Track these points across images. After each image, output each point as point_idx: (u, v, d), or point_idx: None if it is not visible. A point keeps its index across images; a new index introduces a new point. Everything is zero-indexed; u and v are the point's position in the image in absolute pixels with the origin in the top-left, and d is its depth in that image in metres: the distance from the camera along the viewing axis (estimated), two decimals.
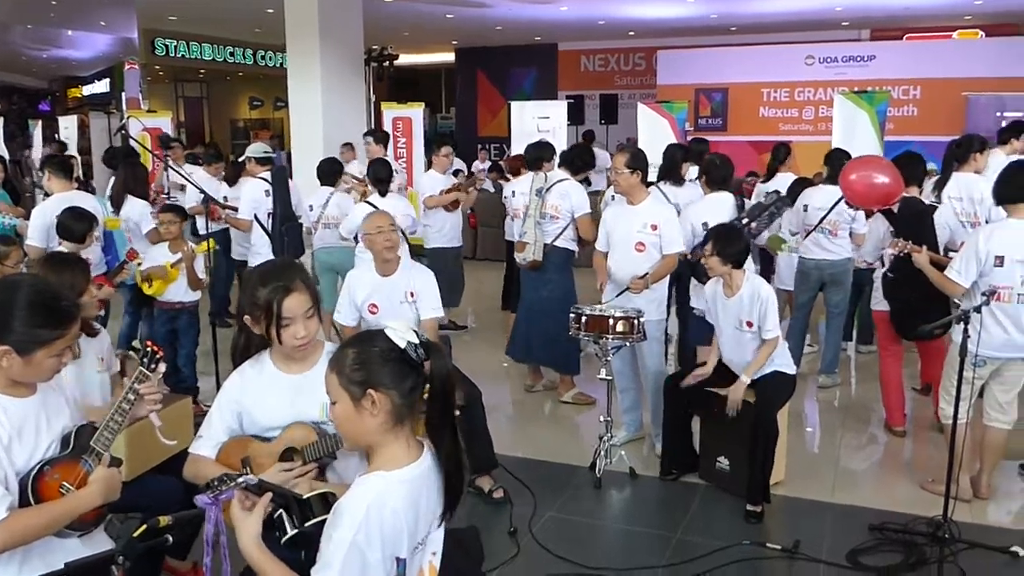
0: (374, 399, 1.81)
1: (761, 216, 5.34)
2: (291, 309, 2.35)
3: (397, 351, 1.83)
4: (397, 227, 4.24)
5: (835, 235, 5.88)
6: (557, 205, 5.75)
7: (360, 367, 1.83)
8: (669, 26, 15.13)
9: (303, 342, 2.38)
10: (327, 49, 10.58)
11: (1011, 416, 4.30)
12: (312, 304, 2.39)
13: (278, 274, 2.40)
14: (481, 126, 19.14)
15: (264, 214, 6.36)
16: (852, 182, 5.03)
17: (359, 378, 1.82)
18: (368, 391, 1.81)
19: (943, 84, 12.59)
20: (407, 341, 1.83)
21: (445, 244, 7.32)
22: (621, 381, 5.04)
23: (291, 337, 2.36)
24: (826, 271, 5.99)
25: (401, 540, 1.79)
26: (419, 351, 1.83)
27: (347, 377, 1.83)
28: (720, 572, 3.71)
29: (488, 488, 4.38)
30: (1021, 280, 4.05)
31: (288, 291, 2.35)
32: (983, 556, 3.78)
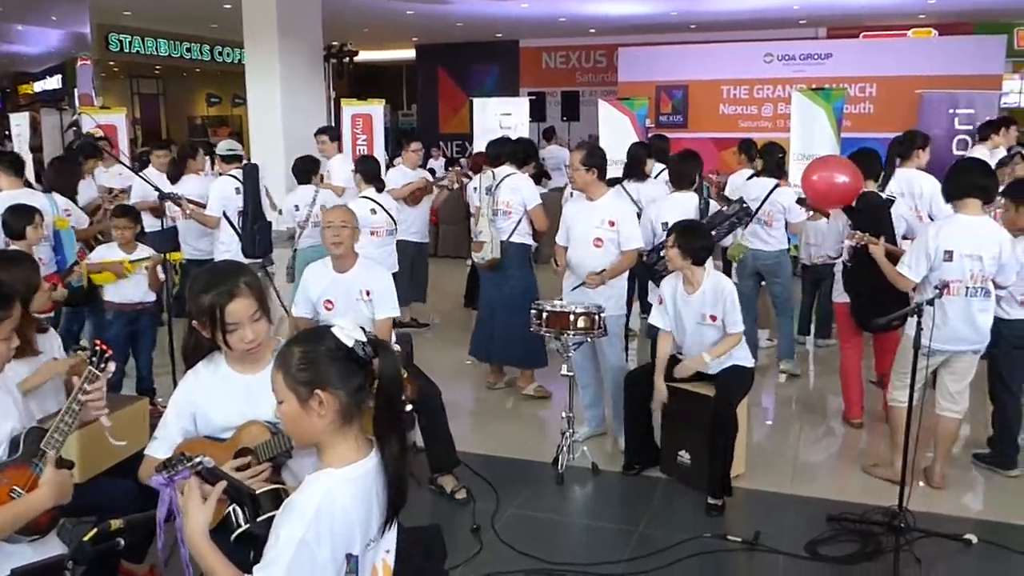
0: (321, 399, 1.78)
1: (722, 224, 5.39)
2: (235, 314, 2.30)
3: (344, 349, 1.80)
4: (353, 226, 4.17)
5: (770, 225, 5.99)
6: (508, 200, 5.75)
7: (306, 366, 1.80)
8: (630, 23, 15.21)
9: (251, 346, 2.34)
10: (286, 45, 10.48)
11: (962, 405, 4.39)
12: (258, 307, 2.35)
13: (222, 278, 2.34)
14: (443, 123, 19.07)
15: (233, 212, 6.28)
16: (814, 182, 5.11)
17: (305, 378, 1.79)
18: (315, 391, 1.78)
19: (898, 82, 12.78)
20: (355, 339, 1.80)
21: (410, 239, 7.28)
22: (582, 377, 5.05)
23: (238, 341, 2.32)
24: (760, 261, 6.10)
25: (353, 537, 1.77)
26: (367, 349, 1.81)
27: (293, 376, 1.81)
28: (682, 565, 3.73)
29: (451, 488, 4.36)
30: (970, 274, 4.14)
31: (232, 296, 2.30)
32: (938, 544, 3.85)
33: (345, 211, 4.25)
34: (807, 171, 5.29)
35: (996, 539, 3.91)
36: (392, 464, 1.84)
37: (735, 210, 5.43)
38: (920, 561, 3.70)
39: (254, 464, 2.28)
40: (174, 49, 18.08)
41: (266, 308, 2.38)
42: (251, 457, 2.31)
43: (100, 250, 5.34)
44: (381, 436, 1.84)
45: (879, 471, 4.57)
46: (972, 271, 4.13)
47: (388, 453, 1.83)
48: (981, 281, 4.16)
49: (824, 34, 16.01)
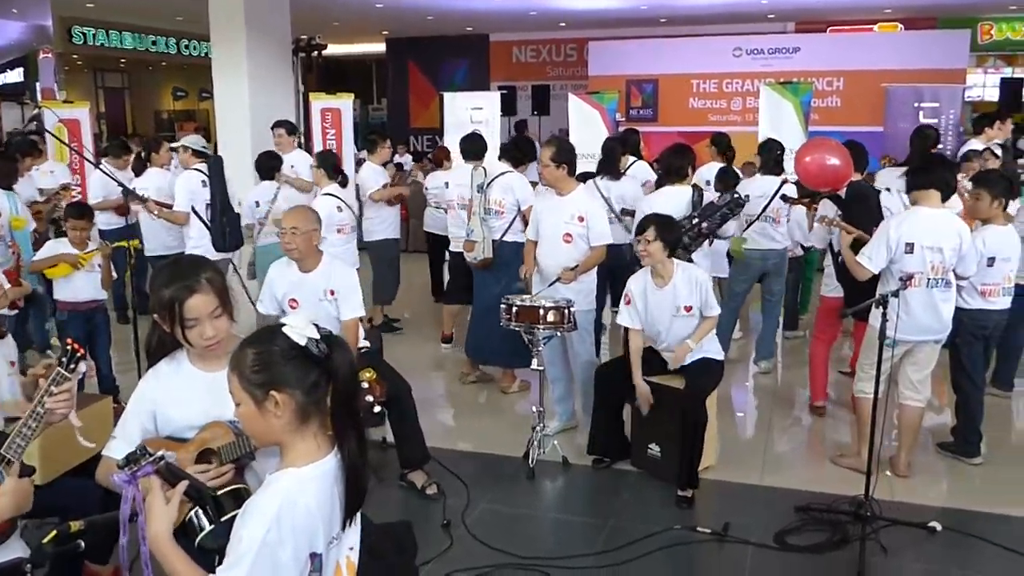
0: (277, 400, 1.76)
1: (713, 216, 5.39)
2: (195, 309, 2.26)
3: (298, 348, 1.77)
4: (306, 230, 4.07)
5: (778, 223, 6.01)
6: (501, 200, 5.72)
7: (260, 368, 1.77)
8: (600, 17, 15.21)
9: (210, 343, 2.29)
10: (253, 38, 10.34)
11: (924, 394, 4.46)
12: (218, 304, 2.29)
13: (183, 273, 2.30)
14: (413, 117, 18.96)
15: (201, 205, 6.20)
16: (806, 163, 5.14)
17: (260, 379, 1.77)
18: (270, 392, 1.76)
19: (864, 75, 12.91)
20: (307, 338, 1.78)
21: (389, 236, 7.26)
22: (552, 371, 5.05)
23: (198, 337, 2.28)
24: (769, 261, 6.12)
25: (316, 536, 1.76)
26: (321, 346, 1.78)
27: (248, 379, 1.78)
28: (652, 557, 3.75)
29: (421, 484, 4.35)
30: (931, 266, 4.19)
31: (191, 291, 2.25)
32: (903, 532, 3.91)
33: (297, 215, 4.14)
34: (800, 153, 5.32)
35: (960, 526, 3.98)
36: (350, 461, 1.82)
37: (726, 201, 5.43)
38: (886, 549, 3.76)
39: (217, 466, 2.25)
40: (139, 42, 17.79)
41: (228, 305, 2.33)
42: (214, 459, 2.28)
43: (51, 244, 5.27)
44: (339, 433, 1.82)
45: (846, 461, 4.62)
46: (933, 263, 4.19)
47: (346, 450, 1.81)
48: (942, 272, 4.22)
49: (792, 28, 16.11)
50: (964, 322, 4.58)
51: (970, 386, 4.70)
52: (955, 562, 3.75)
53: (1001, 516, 4.15)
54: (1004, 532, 3.93)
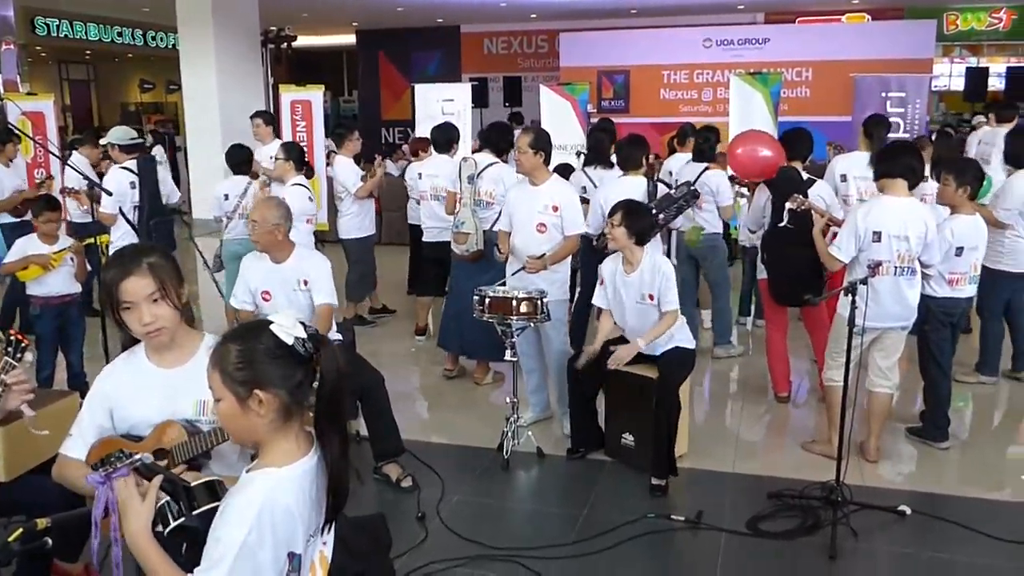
0: (261, 398, 1.73)
1: (670, 208, 5.43)
2: (130, 292, 2.19)
3: (284, 347, 1.74)
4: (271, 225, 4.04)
5: (700, 208, 6.04)
6: (491, 191, 5.70)
7: (245, 366, 1.74)
8: (571, 9, 15.21)
9: (148, 328, 2.21)
10: (221, 30, 10.25)
11: (893, 380, 4.52)
12: (156, 288, 2.20)
13: (125, 257, 2.25)
14: (385, 109, 18.86)
15: (129, 207, 5.94)
16: (737, 155, 5.22)
17: (244, 377, 1.74)
18: (254, 391, 1.73)
19: (833, 66, 13.00)
20: (294, 336, 1.75)
21: (366, 233, 7.19)
22: (526, 362, 5.05)
23: (136, 323, 2.21)
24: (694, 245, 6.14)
25: (295, 536, 1.74)
26: (307, 345, 1.76)
27: (231, 376, 1.75)
28: (626, 546, 3.77)
29: (396, 476, 4.34)
30: (897, 254, 4.24)
31: (127, 273, 2.19)
32: (873, 516, 3.96)
33: (262, 209, 4.12)
34: (731, 145, 5.40)
35: (929, 509, 4.04)
36: (333, 463, 1.79)
37: (683, 193, 5.47)
38: (856, 533, 3.81)
39: (171, 467, 2.21)
40: (104, 33, 17.50)
41: (171, 293, 2.23)
42: (167, 460, 2.23)
43: (20, 243, 5.17)
44: (322, 433, 1.79)
45: (817, 447, 4.67)
46: (900, 251, 4.24)
47: (329, 451, 1.78)
48: (908, 260, 4.27)
49: (761, 19, 16.21)
50: (932, 310, 4.64)
51: (937, 372, 4.77)
52: (924, 544, 3.81)
53: (969, 499, 4.23)
54: (972, 514, 4.00)
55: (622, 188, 5.49)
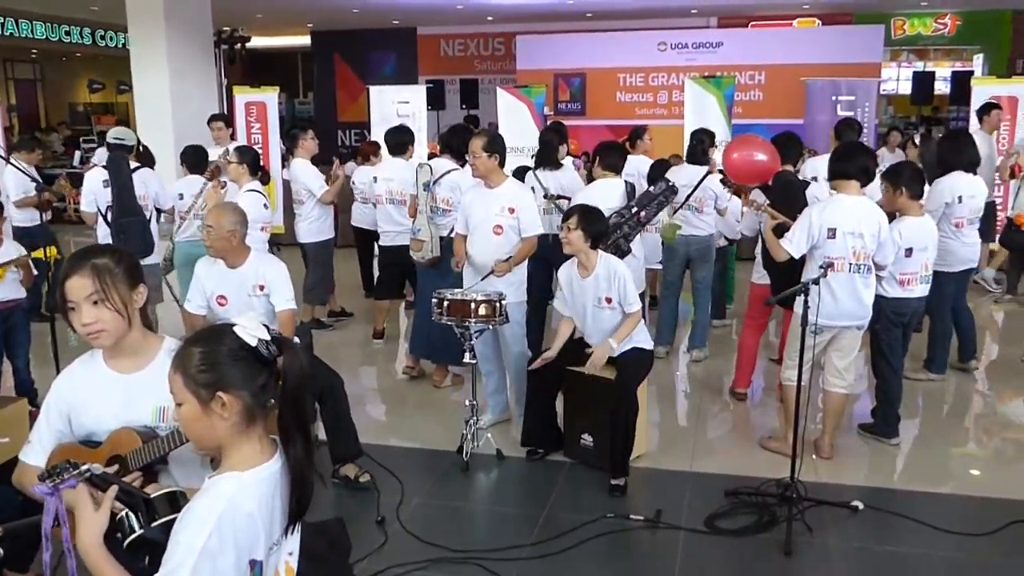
0: (224, 401, 1.71)
1: (650, 204, 5.46)
2: (72, 292, 2.16)
3: (247, 349, 1.73)
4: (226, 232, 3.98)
5: (701, 211, 6.11)
6: (448, 198, 5.68)
7: (207, 368, 1.72)
8: (527, 11, 15.24)
9: (87, 330, 2.17)
10: (173, 30, 10.08)
11: (848, 380, 4.61)
12: (96, 290, 2.16)
13: (75, 256, 2.22)
14: (341, 111, 18.71)
15: (104, 206, 5.97)
16: (733, 160, 5.26)
17: (207, 379, 1.72)
18: (217, 393, 1.71)
19: (785, 69, 13.22)
20: (258, 338, 1.73)
21: (326, 236, 7.13)
22: (485, 364, 5.05)
23: (77, 323, 2.17)
24: (692, 247, 6.21)
25: (257, 542, 1.71)
26: (271, 348, 1.74)
27: (193, 379, 1.73)
28: (586, 546, 3.79)
29: (354, 474, 4.32)
30: (852, 251, 4.33)
31: (70, 273, 2.16)
32: (827, 512, 4.04)
33: (216, 214, 4.06)
34: (727, 149, 5.44)
35: (881, 504, 4.13)
36: (297, 465, 1.77)
37: (661, 189, 5.51)
38: (811, 529, 3.88)
39: (125, 474, 2.17)
40: (51, 32, 17.09)
41: (112, 297, 2.17)
42: (120, 466, 2.19)
43: None
44: (286, 436, 1.77)
45: (774, 444, 4.74)
46: (855, 248, 4.33)
47: (293, 453, 1.77)
48: (863, 258, 4.36)
49: (715, 23, 16.41)
50: (884, 309, 4.74)
51: (889, 370, 4.87)
52: (876, 538, 3.89)
53: (919, 493, 4.33)
54: (922, 508, 4.09)
55: (600, 191, 5.52)
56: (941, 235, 5.51)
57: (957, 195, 5.55)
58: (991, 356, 6.58)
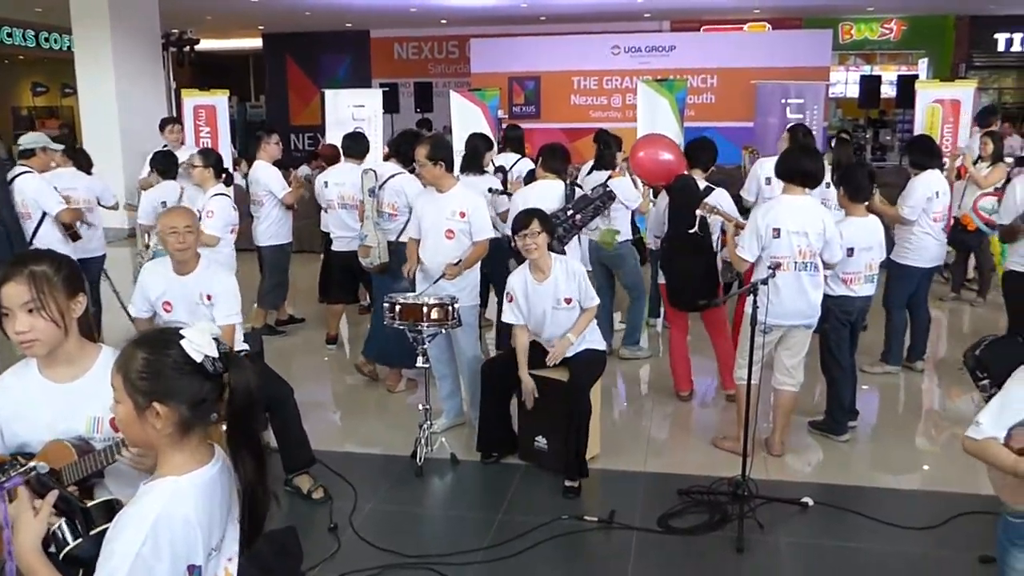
0: (158, 412, 1.67)
1: (587, 208, 5.49)
2: (6, 298, 2.10)
3: (192, 363, 1.68)
4: (195, 227, 3.97)
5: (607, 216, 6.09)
6: (393, 203, 5.64)
7: (148, 376, 1.68)
8: (481, 15, 15.25)
9: (21, 339, 2.11)
10: (119, 31, 9.91)
11: (798, 379, 4.67)
12: (32, 298, 2.10)
13: (12, 261, 2.16)
14: (294, 115, 18.54)
15: None
16: (640, 159, 5.32)
17: (145, 387, 1.68)
18: (153, 403, 1.67)
19: (736, 73, 13.40)
20: (204, 355, 1.69)
21: (284, 240, 7.04)
22: (439, 368, 5.03)
23: (10, 331, 2.11)
24: (602, 252, 6.19)
25: (196, 547, 1.67)
26: (217, 365, 1.70)
27: (132, 383, 1.69)
28: (540, 548, 3.79)
29: (307, 488, 4.26)
30: (798, 250, 4.40)
31: (6, 278, 2.10)
32: (778, 509, 4.09)
33: (189, 214, 4.01)
34: (634, 148, 5.50)
35: (830, 500, 4.19)
36: (248, 484, 1.73)
37: (599, 194, 5.54)
38: (763, 526, 3.92)
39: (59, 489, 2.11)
40: None
41: (48, 306, 2.11)
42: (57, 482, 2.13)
43: None
44: (235, 455, 1.74)
45: (726, 443, 4.79)
46: (800, 247, 4.39)
47: (243, 472, 1.73)
48: (809, 256, 4.42)
49: (668, 27, 16.58)
50: (831, 308, 4.82)
51: (837, 368, 4.95)
52: (826, 534, 3.95)
53: (870, 488, 4.41)
54: (873, 504, 4.17)
55: (539, 192, 5.53)
56: (919, 230, 5.68)
57: (935, 191, 5.73)
58: (939, 354, 6.72)
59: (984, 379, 2.80)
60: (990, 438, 2.39)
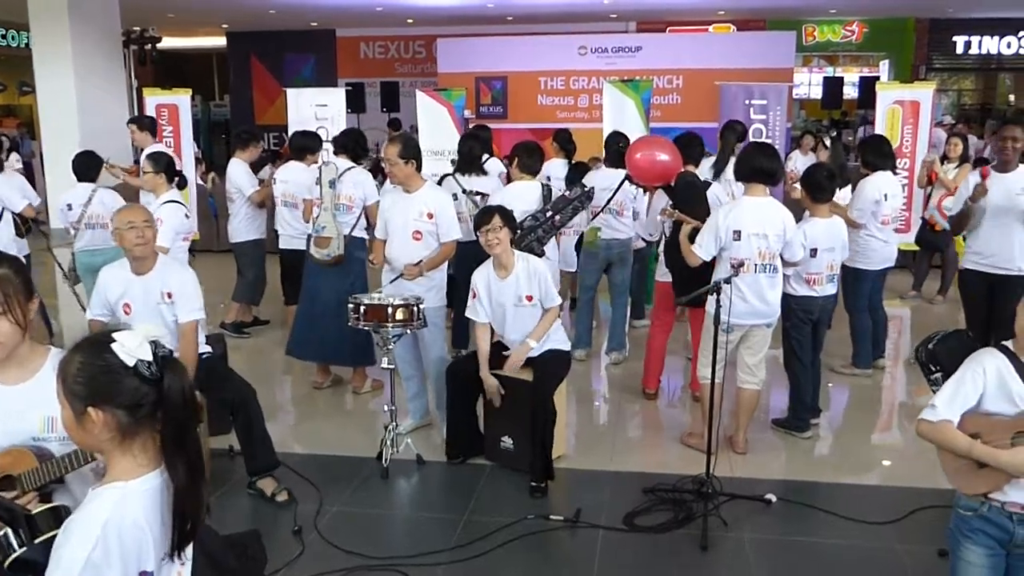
0: (94, 418, 1.64)
1: (565, 209, 5.50)
2: None
3: (126, 368, 1.65)
4: (152, 223, 3.93)
5: (621, 214, 6.16)
6: (351, 195, 5.61)
7: (83, 381, 1.65)
8: (447, 14, 15.21)
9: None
10: (78, 28, 9.74)
11: (760, 377, 4.71)
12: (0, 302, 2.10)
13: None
14: (259, 114, 18.34)
15: None
16: (636, 160, 5.32)
17: (81, 393, 1.65)
18: (88, 408, 1.64)
19: (701, 74, 13.48)
20: (137, 359, 1.64)
21: (255, 236, 7.05)
22: (405, 369, 5.01)
23: None
24: (614, 250, 6.23)
25: (147, 553, 1.64)
26: (152, 368, 1.66)
27: (70, 388, 1.66)
28: (506, 548, 3.79)
29: (271, 491, 4.23)
30: (758, 251, 4.44)
31: None
32: (742, 506, 4.13)
33: (139, 210, 3.97)
34: (631, 149, 5.49)
35: (793, 496, 4.25)
36: (180, 492, 1.68)
37: (577, 194, 5.55)
38: (727, 523, 3.96)
39: (19, 494, 2.07)
40: None
41: (14, 308, 2.11)
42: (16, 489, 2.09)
43: None
44: (168, 462, 1.69)
45: (692, 441, 4.83)
46: (760, 248, 4.44)
47: (175, 481, 1.68)
48: (769, 258, 4.47)
49: (634, 28, 16.66)
50: (792, 308, 4.87)
51: (799, 367, 5.00)
52: (789, 529, 3.99)
53: (832, 484, 4.46)
54: (835, 499, 4.23)
55: (517, 192, 5.53)
56: (866, 234, 5.73)
57: (884, 193, 5.78)
58: (900, 351, 6.82)
59: (936, 372, 2.84)
60: (945, 421, 2.42)
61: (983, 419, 2.39)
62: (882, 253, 5.88)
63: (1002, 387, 2.36)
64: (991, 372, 2.38)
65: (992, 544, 2.43)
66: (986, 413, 2.39)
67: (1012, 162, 4.96)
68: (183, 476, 1.68)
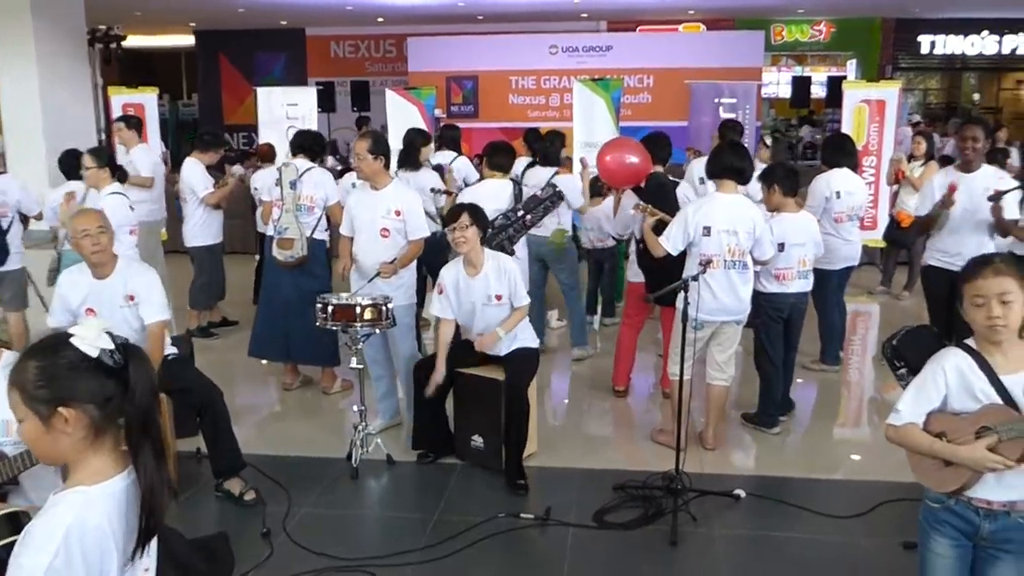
0: (66, 417, 1.60)
1: (536, 209, 5.50)
2: None
3: (89, 360, 1.61)
4: (108, 227, 3.87)
5: None
6: (312, 195, 5.56)
7: (46, 383, 1.60)
8: (418, 13, 15.15)
9: None
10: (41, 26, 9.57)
11: (729, 373, 4.74)
12: None
13: None
14: (227, 113, 18.17)
15: None
16: (606, 163, 5.33)
17: (46, 395, 1.60)
18: (58, 409, 1.60)
19: (671, 73, 13.58)
20: (100, 348, 1.62)
21: (216, 240, 6.93)
22: (375, 369, 4.98)
23: None
24: (542, 247, 6.18)
25: (110, 559, 1.61)
26: (116, 356, 1.63)
27: (31, 395, 1.61)
28: (476, 547, 3.78)
29: (239, 491, 4.18)
30: (727, 248, 4.46)
31: None
32: (711, 501, 4.15)
33: (99, 215, 3.92)
34: (601, 152, 5.50)
35: (761, 491, 4.28)
36: (147, 475, 1.66)
37: (548, 194, 5.56)
38: (696, 519, 3.98)
39: None
40: None
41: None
42: None
43: None
44: (134, 451, 1.66)
45: (662, 437, 4.84)
46: (730, 245, 4.46)
47: (143, 470, 1.66)
48: (739, 255, 4.50)
49: (604, 28, 16.70)
50: (763, 305, 4.90)
51: (768, 364, 5.03)
52: (757, 525, 4.02)
53: (801, 479, 4.50)
54: (804, 494, 4.26)
55: (488, 191, 5.52)
56: (824, 232, 5.75)
57: (835, 190, 5.79)
58: (868, 347, 6.90)
59: (902, 368, 2.86)
60: (909, 424, 2.45)
61: (948, 418, 2.41)
62: (842, 252, 5.87)
63: (965, 385, 2.38)
64: (951, 372, 2.40)
65: (958, 536, 2.46)
66: (953, 412, 2.41)
67: (974, 162, 5.02)
68: (151, 461, 1.65)
